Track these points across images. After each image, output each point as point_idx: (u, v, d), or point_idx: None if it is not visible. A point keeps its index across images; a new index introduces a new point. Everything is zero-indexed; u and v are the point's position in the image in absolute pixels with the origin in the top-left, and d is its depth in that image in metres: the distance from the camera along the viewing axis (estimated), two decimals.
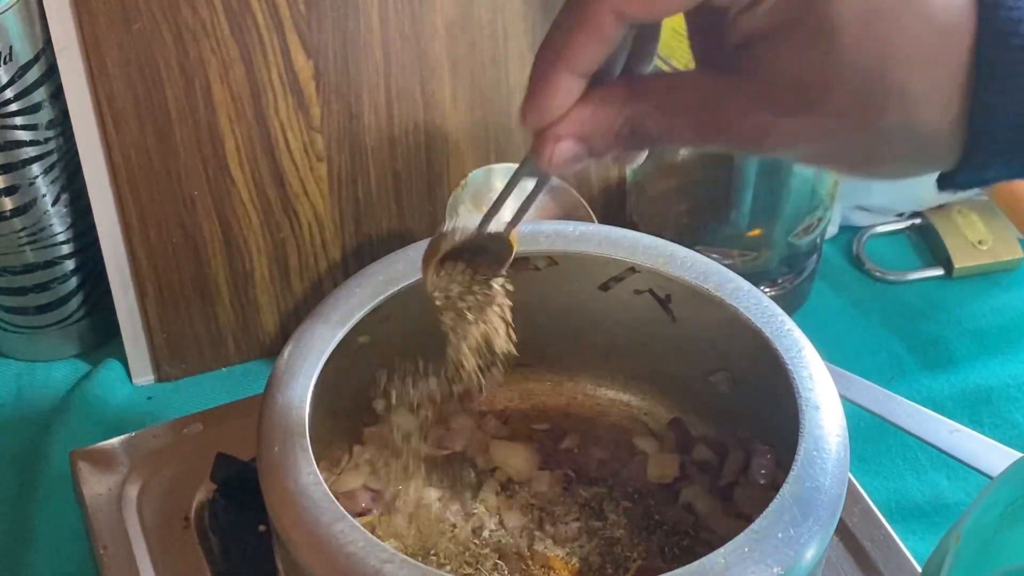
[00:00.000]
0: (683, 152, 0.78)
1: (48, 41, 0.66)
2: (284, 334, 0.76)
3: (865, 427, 0.73)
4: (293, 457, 0.50)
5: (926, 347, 0.79)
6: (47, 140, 0.69)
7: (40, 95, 0.67)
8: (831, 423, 0.51)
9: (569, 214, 0.72)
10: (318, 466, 0.50)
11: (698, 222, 0.78)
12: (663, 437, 0.63)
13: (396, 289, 0.56)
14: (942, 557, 0.42)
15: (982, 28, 0.37)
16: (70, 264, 0.74)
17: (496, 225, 0.47)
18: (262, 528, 0.60)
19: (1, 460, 0.71)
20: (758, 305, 0.56)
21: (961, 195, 0.85)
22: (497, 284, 0.50)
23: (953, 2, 0.37)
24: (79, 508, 0.64)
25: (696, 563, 0.46)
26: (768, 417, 0.56)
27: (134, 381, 0.75)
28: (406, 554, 0.51)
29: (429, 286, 0.49)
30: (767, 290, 0.75)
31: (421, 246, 0.58)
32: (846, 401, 0.56)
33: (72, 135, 0.68)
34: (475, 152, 0.76)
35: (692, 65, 0.43)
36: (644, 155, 0.43)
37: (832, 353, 0.55)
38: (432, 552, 0.57)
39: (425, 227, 0.76)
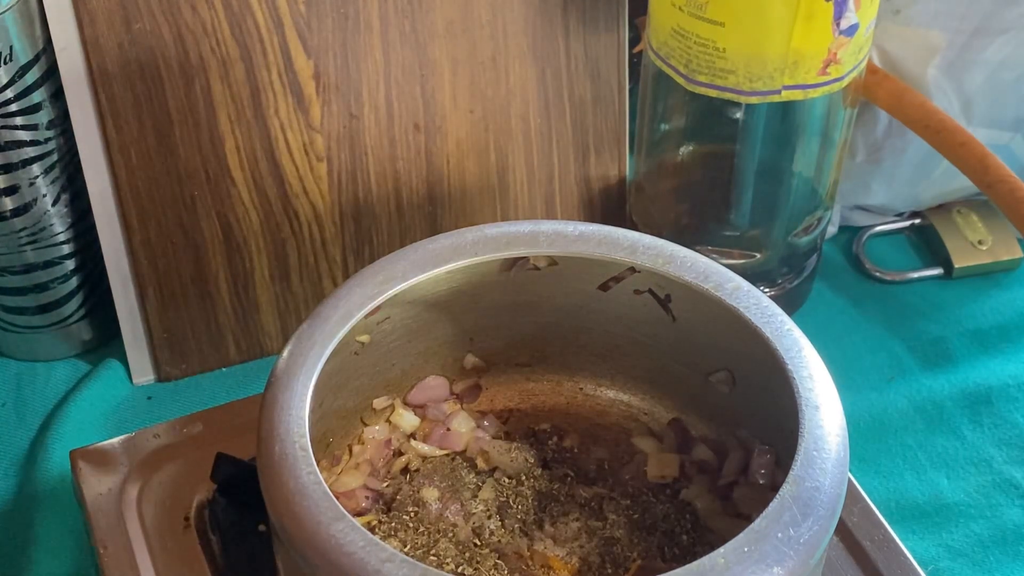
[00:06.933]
0: (683, 152, 0.78)
1: (48, 41, 0.66)
2: (284, 334, 0.76)
3: (865, 427, 0.73)
4: (293, 457, 0.50)
5: (926, 347, 0.79)
6: (47, 140, 0.69)
7: (40, 95, 0.67)
8: (831, 423, 0.51)
9: None
10: (318, 466, 0.50)
11: (698, 222, 0.78)
12: (663, 437, 0.63)
13: (396, 289, 0.56)
14: None
15: None
16: (70, 264, 0.74)
17: None
18: (262, 528, 0.60)
19: (1, 460, 0.71)
20: (758, 305, 0.56)
21: (961, 195, 0.85)
22: None
23: None
24: (79, 508, 0.64)
25: (696, 563, 0.46)
26: (768, 417, 0.56)
27: (134, 381, 0.75)
28: (406, 554, 0.51)
29: None
30: (767, 290, 0.75)
31: (421, 246, 0.59)
32: None
33: (72, 135, 0.68)
34: (475, 152, 0.76)
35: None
36: None
37: (832, 353, 0.55)
38: (432, 552, 0.57)
39: (425, 227, 0.76)
